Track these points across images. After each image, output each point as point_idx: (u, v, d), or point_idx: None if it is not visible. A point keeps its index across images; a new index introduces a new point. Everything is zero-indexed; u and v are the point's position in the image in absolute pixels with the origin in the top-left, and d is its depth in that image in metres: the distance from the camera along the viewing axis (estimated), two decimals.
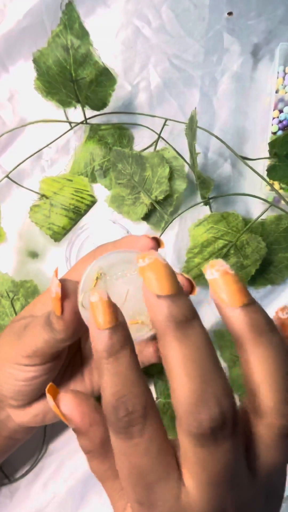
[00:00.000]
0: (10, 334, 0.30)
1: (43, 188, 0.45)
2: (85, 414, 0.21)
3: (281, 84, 0.44)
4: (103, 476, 0.22)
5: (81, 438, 0.21)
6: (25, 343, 0.28)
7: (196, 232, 0.41)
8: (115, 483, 0.21)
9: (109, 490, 0.22)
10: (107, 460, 0.21)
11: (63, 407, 0.21)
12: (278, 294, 0.44)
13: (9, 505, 0.41)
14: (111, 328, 0.19)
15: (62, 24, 0.39)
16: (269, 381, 0.18)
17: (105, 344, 0.19)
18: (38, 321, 0.28)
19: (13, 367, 0.29)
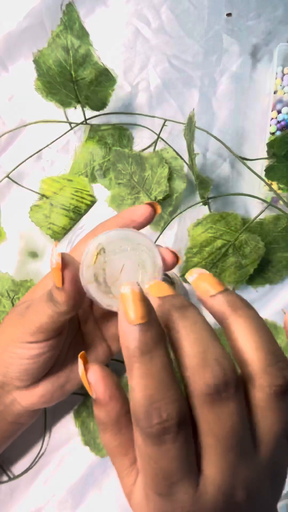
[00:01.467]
0: (12, 316, 0.31)
1: (43, 188, 0.46)
2: (108, 387, 0.21)
3: (279, 85, 0.44)
4: (113, 451, 0.22)
5: (99, 409, 0.21)
6: (29, 320, 0.29)
7: (195, 232, 0.42)
8: (125, 459, 0.22)
9: (117, 465, 0.22)
10: (119, 436, 0.22)
11: (90, 376, 0.21)
12: (276, 293, 0.45)
13: (9, 502, 0.41)
14: (144, 323, 0.18)
15: (62, 24, 0.39)
16: (253, 346, 0.19)
17: (138, 341, 0.18)
18: (40, 298, 0.29)
19: (18, 346, 0.30)
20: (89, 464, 0.41)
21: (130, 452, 0.22)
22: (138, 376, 0.18)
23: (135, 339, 0.18)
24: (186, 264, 0.42)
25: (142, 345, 0.18)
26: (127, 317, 0.18)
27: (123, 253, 0.28)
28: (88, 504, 0.41)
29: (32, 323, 0.29)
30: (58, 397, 0.34)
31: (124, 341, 0.19)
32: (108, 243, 0.27)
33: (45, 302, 0.28)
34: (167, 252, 0.29)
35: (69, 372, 0.34)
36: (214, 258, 0.41)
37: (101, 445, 0.41)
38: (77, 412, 0.41)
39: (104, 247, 0.27)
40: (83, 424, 0.41)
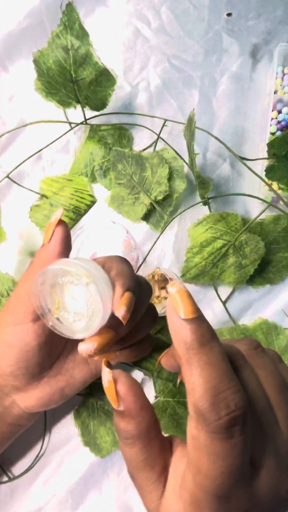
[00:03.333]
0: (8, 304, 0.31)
1: (43, 188, 0.46)
2: (138, 396, 0.21)
3: (279, 84, 0.44)
4: (139, 465, 0.21)
5: (128, 422, 0.21)
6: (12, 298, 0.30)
7: (195, 232, 0.42)
8: (152, 473, 0.21)
9: (142, 480, 0.21)
10: (148, 448, 0.21)
11: (119, 385, 0.21)
12: (277, 293, 0.45)
13: (9, 503, 0.41)
14: (198, 317, 0.19)
15: (62, 24, 0.39)
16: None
17: (196, 333, 0.18)
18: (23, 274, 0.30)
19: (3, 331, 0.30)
20: (89, 464, 0.41)
21: (157, 465, 0.21)
22: (200, 367, 0.18)
23: (192, 332, 0.18)
24: (187, 264, 0.42)
25: (200, 337, 0.18)
26: (179, 313, 0.19)
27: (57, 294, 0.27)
28: (88, 504, 0.41)
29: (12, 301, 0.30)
30: (57, 400, 0.33)
31: (180, 337, 0.19)
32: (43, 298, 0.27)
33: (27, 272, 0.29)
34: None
35: (68, 377, 0.34)
36: (214, 258, 0.41)
37: (101, 446, 0.41)
38: (77, 412, 0.41)
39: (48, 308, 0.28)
40: (83, 425, 0.41)
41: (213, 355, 0.18)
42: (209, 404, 0.17)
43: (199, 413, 0.18)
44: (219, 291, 0.44)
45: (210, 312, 0.44)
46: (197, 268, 0.42)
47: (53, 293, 0.27)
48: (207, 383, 0.18)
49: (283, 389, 0.21)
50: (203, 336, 0.19)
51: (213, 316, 0.44)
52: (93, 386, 0.42)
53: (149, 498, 0.21)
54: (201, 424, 0.18)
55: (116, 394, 0.21)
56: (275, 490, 0.19)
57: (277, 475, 0.19)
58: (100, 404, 0.41)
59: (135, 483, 0.22)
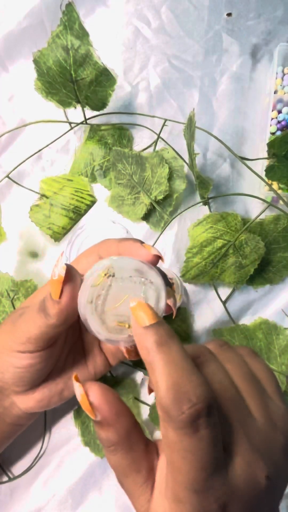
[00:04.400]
0: (7, 323, 0.31)
1: (43, 188, 0.46)
2: (113, 404, 0.21)
3: (279, 84, 0.44)
4: (125, 471, 0.21)
5: (107, 430, 0.21)
6: (19, 329, 0.29)
7: (195, 232, 0.42)
8: (138, 477, 0.21)
9: (130, 485, 0.21)
10: (131, 453, 0.21)
11: (92, 397, 0.21)
12: (277, 293, 0.45)
13: (9, 503, 0.41)
14: (156, 323, 0.20)
15: (62, 24, 0.39)
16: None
17: (154, 336, 0.20)
18: (32, 307, 0.28)
19: (10, 355, 0.29)
20: (89, 464, 0.41)
21: (143, 468, 0.21)
22: (161, 366, 0.19)
23: (151, 336, 0.20)
24: (187, 264, 0.42)
25: (158, 339, 0.20)
26: (140, 322, 0.20)
27: (130, 283, 0.25)
28: (88, 504, 0.41)
29: (22, 333, 0.28)
30: (56, 402, 0.33)
31: (142, 343, 0.20)
32: (120, 268, 0.25)
33: (37, 311, 0.28)
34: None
35: (67, 379, 0.34)
36: (214, 258, 0.41)
37: (101, 446, 0.41)
38: (77, 412, 0.41)
39: (115, 271, 0.25)
40: (83, 424, 0.41)
41: (172, 353, 0.19)
42: (171, 400, 0.18)
43: (164, 410, 0.19)
44: (219, 291, 0.44)
45: (210, 312, 0.44)
46: (197, 268, 0.42)
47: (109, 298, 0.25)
48: (168, 381, 0.18)
49: (252, 380, 0.22)
50: (161, 337, 0.20)
51: (213, 316, 0.44)
52: None
53: (138, 503, 0.21)
54: (167, 421, 0.19)
55: (90, 406, 0.21)
56: (253, 478, 0.19)
57: (253, 462, 0.19)
58: None
59: (124, 489, 0.22)
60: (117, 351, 0.36)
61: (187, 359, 0.19)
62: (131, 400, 0.41)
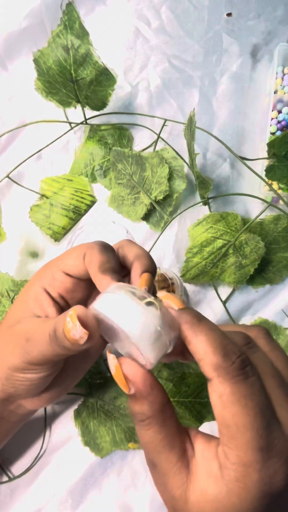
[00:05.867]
0: (12, 343, 0.30)
1: (43, 188, 0.45)
2: (146, 376, 0.21)
3: (279, 84, 0.44)
4: (158, 446, 0.21)
5: (141, 403, 0.21)
6: (32, 356, 0.28)
7: (195, 232, 0.42)
8: (172, 454, 0.21)
9: (164, 463, 0.21)
10: (164, 428, 0.22)
11: (125, 369, 0.22)
12: (277, 293, 0.45)
13: (9, 503, 0.41)
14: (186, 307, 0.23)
15: (62, 24, 0.39)
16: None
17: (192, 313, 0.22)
18: (41, 336, 0.28)
19: (20, 373, 0.29)
20: (89, 464, 0.41)
21: (176, 445, 0.21)
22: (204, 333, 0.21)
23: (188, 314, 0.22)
24: (187, 264, 0.42)
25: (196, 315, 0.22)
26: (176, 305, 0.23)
27: None
28: (88, 504, 0.41)
29: (35, 358, 0.28)
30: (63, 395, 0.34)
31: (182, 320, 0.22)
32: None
33: (49, 343, 0.27)
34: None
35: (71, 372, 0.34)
36: (214, 258, 0.41)
37: (101, 446, 0.41)
38: (77, 412, 0.41)
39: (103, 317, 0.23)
40: (83, 425, 0.41)
41: (210, 324, 0.22)
42: (222, 355, 0.21)
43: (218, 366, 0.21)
44: (219, 291, 0.44)
45: (210, 312, 0.44)
46: (197, 268, 0.42)
47: None
48: (216, 342, 0.21)
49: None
50: (198, 314, 0.23)
51: (213, 316, 0.44)
52: (93, 386, 0.42)
53: (173, 483, 0.21)
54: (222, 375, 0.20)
55: (124, 378, 0.21)
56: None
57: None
58: (100, 404, 0.41)
59: (156, 470, 0.22)
60: None
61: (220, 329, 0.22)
62: None
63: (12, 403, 0.32)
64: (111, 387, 0.41)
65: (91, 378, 0.42)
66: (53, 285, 0.31)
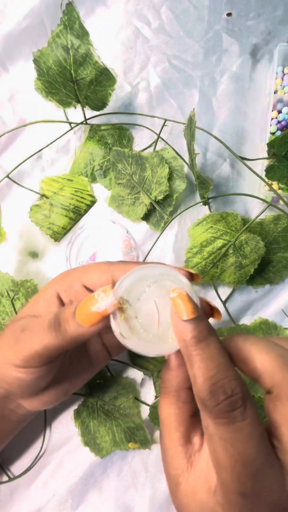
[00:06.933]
0: (9, 335, 0.30)
1: (43, 188, 0.45)
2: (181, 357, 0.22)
3: (279, 84, 0.44)
4: (166, 420, 0.22)
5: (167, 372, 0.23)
6: (21, 345, 0.28)
7: (195, 232, 0.42)
8: (176, 433, 0.22)
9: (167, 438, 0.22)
10: (175, 405, 0.22)
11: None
12: (277, 293, 0.45)
13: (9, 503, 0.41)
14: (195, 317, 0.21)
15: (62, 24, 0.39)
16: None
17: (193, 332, 0.20)
18: (39, 324, 0.28)
19: (16, 370, 0.29)
20: (89, 464, 0.41)
21: (181, 429, 0.22)
22: (199, 361, 0.20)
23: (190, 331, 0.20)
24: (187, 264, 0.42)
25: (198, 334, 0.20)
26: (180, 315, 0.21)
27: (146, 293, 0.25)
28: (88, 504, 0.41)
29: (24, 349, 0.28)
30: (62, 399, 0.34)
31: (181, 336, 0.21)
32: (128, 292, 0.25)
33: (44, 329, 0.27)
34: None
35: (73, 379, 0.34)
36: (214, 258, 0.41)
37: (101, 446, 0.41)
38: (77, 412, 0.41)
39: (126, 298, 0.25)
40: (83, 425, 0.41)
41: (210, 350, 0.20)
42: (208, 392, 0.19)
43: (202, 402, 0.19)
44: (219, 291, 0.44)
45: None
46: (197, 268, 0.42)
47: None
48: (205, 374, 0.19)
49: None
50: (201, 333, 0.20)
51: None
52: (93, 386, 0.42)
53: (171, 463, 0.22)
54: (205, 412, 0.20)
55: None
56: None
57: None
58: (100, 404, 0.41)
59: (161, 443, 0.23)
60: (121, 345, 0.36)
61: (224, 355, 0.20)
62: (131, 400, 0.41)
63: (12, 402, 0.32)
64: (111, 387, 0.41)
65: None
66: (68, 292, 0.30)
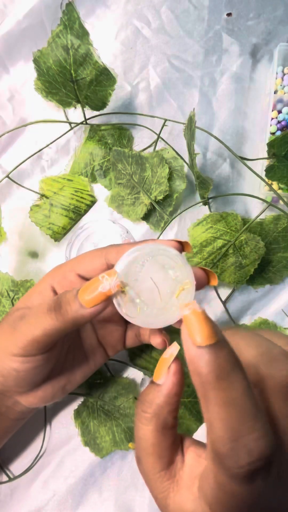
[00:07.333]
0: (5, 326, 0.30)
1: (43, 188, 0.45)
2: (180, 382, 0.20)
3: (279, 84, 0.44)
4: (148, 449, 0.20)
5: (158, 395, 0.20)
6: (21, 332, 0.28)
7: (195, 232, 0.42)
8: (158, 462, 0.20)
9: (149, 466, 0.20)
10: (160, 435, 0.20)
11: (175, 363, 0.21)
12: (277, 293, 0.45)
13: (9, 503, 0.41)
14: (215, 344, 0.16)
15: (62, 24, 0.39)
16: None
17: (211, 365, 0.16)
18: (37, 310, 0.28)
19: (11, 359, 0.29)
20: (89, 464, 0.41)
21: (165, 456, 0.20)
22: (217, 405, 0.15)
23: (207, 363, 0.16)
24: None
25: (217, 369, 0.16)
26: (194, 340, 0.16)
27: (141, 272, 0.26)
28: (88, 504, 0.41)
29: (23, 336, 0.28)
30: (59, 396, 0.34)
31: (195, 367, 0.16)
32: (125, 275, 0.26)
33: (44, 312, 0.27)
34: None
35: (69, 375, 0.34)
36: (214, 258, 0.41)
37: (101, 446, 0.41)
38: (77, 412, 0.41)
39: (125, 280, 0.26)
40: (83, 425, 0.41)
41: (233, 392, 0.16)
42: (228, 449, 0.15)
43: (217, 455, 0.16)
44: (219, 291, 0.44)
45: (210, 312, 0.44)
46: None
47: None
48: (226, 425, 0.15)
49: None
50: (221, 368, 0.16)
51: (213, 316, 0.44)
52: (93, 386, 0.42)
53: (155, 488, 0.20)
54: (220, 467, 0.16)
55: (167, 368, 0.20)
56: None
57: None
58: (100, 404, 0.41)
59: (140, 467, 0.21)
60: (117, 343, 0.36)
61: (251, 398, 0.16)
62: (131, 400, 0.41)
63: (9, 398, 0.32)
64: (111, 387, 0.41)
65: (91, 378, 0.42)
66: (62, 283, 0.31)
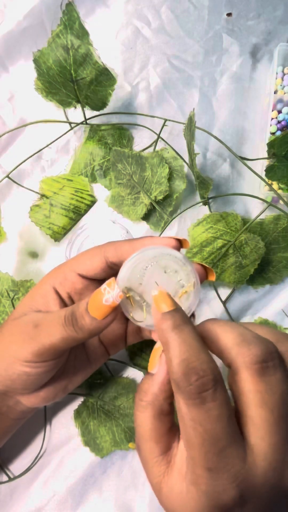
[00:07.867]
0: (17, 333, 0.30)
1: (43, 188, 0.45)
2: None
3: (279, 84, 0.44)
4: (146, 434, 0.23)
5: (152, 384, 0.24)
6: (39, 342, 0.29)
7: (195, 232, 0.42)
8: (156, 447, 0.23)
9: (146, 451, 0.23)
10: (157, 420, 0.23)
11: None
12: (277, 293, 0.45)
13: (9, 503, 0.41)
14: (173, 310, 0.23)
15: (62, 24, 0.39)
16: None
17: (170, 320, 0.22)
18: (54, 320, 0.29)
19: (24, 365, 0.29)
20: (89, 464, 0.41)
21: (162, 442, 0.23)
22: (174, 346, 0.21)
23: (167, 320, 0.22)
24: None
25: (174, 323, 0.22)
26: (160, 308, 0.23)
27: (145, 276, 0.28)
28: (88, 504, 0.41)
29: (40, 343, 0.29)
30: (60, 396, 0.34)
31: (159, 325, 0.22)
32: (129, 281, 0.27)
33: (62, 325, 0.28)
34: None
35: (71, 375, 0.34)
36: (214, 258, 0.41)
37: (101, 446, 0.41)
38: (77, 412, 0.41)
39: (129, 287, 0.27)
40: (83, 425, 0.41)
41: (184, 334, 0.21)
42: (181, 373, 0.20)
43: (175, 383, 0.21)
44: (219, 291, 0.44)
45: (210, 312, 0.44)
46: None
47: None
48: (179, 357, 0.21)
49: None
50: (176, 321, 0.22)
51: (213, 316, 0.44)
52: (93, 386, 0.42)
53: (152, 472, 0.23)
54: (178, 393, 0.21)
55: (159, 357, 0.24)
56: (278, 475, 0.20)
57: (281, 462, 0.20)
58: (100, 404, 0.41)
59: (140, 454, 0.24)
60: (118, 342, 0.36)
61: (197, 339, 0.21)
62: (131, 400, 0.41)
63: (11, 398, 0.33)
64: (111, 387, 0.41)
65: (91, 378, 0.42)
66: (64, 284, 0.31)
